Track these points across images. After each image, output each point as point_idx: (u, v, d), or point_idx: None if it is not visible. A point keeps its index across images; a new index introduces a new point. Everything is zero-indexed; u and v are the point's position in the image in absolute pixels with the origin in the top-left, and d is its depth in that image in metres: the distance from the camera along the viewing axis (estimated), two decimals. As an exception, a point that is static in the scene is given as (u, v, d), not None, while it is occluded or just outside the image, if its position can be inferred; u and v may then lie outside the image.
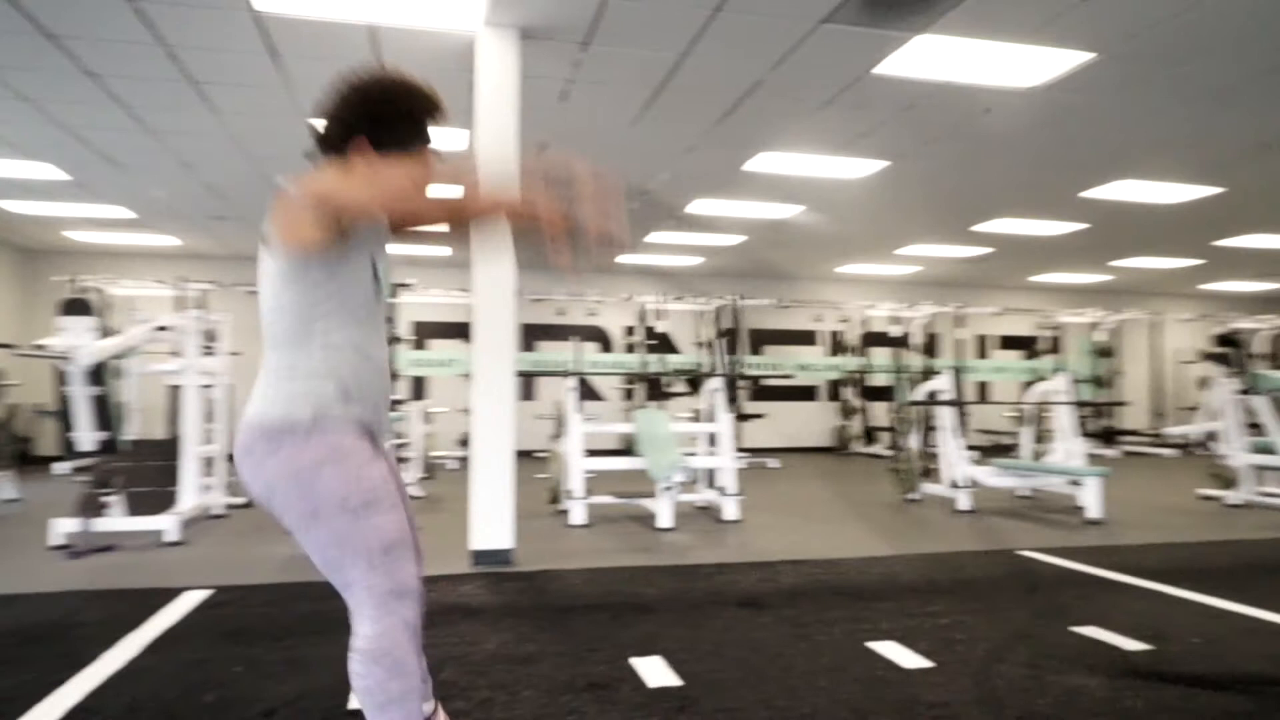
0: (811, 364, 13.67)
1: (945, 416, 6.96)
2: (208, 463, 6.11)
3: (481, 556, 4.45)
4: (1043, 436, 8.42)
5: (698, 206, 8.71)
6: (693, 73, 5.13)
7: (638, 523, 5.94)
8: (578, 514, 5.85)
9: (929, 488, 7.07)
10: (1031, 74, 5.14)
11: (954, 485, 6.72)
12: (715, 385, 6.52)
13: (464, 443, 10.97)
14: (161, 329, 5.71)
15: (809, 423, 13.49)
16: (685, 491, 6.25)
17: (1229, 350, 7.51)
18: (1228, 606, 3.66)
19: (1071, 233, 9.81)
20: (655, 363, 11.97)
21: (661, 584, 4.04)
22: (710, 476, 6.65)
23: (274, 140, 6.45)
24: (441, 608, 3.54)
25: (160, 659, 2.89)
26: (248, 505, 6.40)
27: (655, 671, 2.75)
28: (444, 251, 11.24)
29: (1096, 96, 5.50)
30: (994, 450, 10.13)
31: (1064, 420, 7.20)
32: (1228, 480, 7.11)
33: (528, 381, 12.95)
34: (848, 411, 13.21)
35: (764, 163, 7.06)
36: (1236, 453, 7.13)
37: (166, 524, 5.11)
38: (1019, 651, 2.99)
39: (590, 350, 12.98)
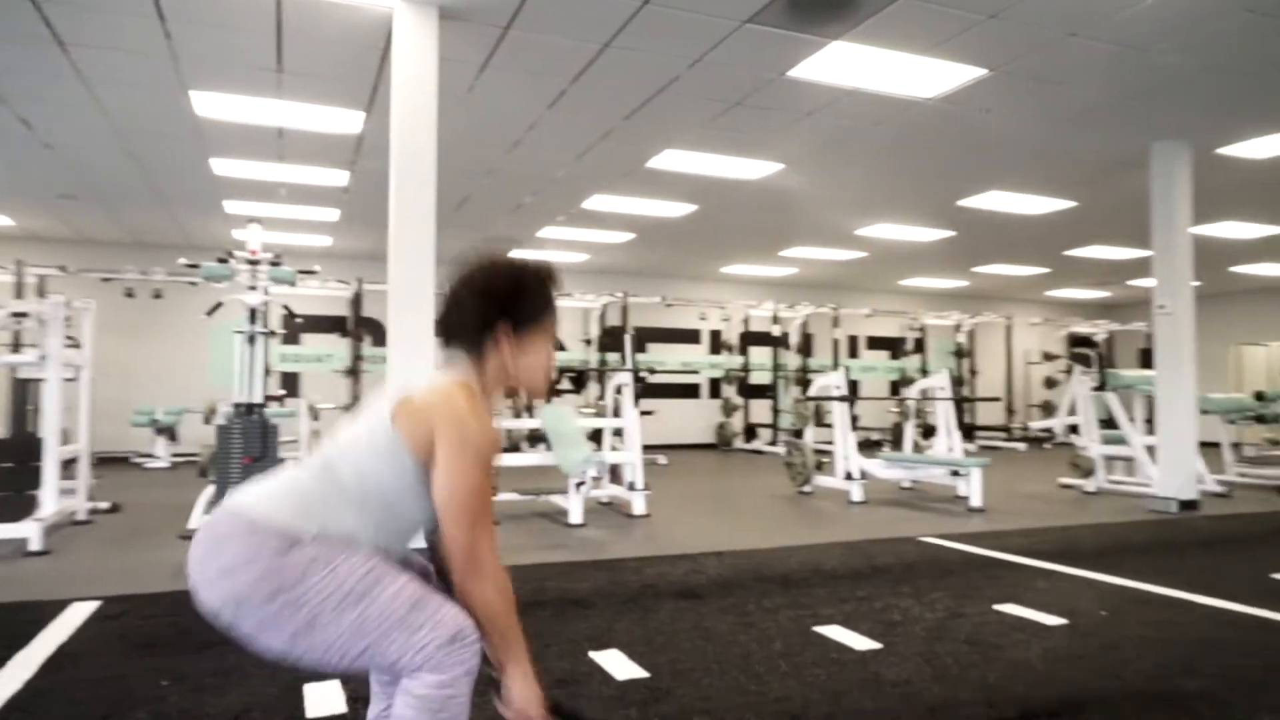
0: (694, 362, 13.91)
1: (838, 412, 7.23)
2: (68, 464, 5.55)
3: (398, 557, 4.25)
4: (906, 431, 8.91)
5: (595, 202, 8.67)
6: (612, 65, 5.10)
7: (545, 519, 5.86)
8: (485, 512, 5.70)
9: (821, 480, 7.33)
10: (930, 85, 5.42)
11: (847, 477, 6.99)
12: (622, 381, 6.51)
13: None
14: (18, 315, 5.15)
15: (691, 420, 13.71)
16: (595, 487, 6.20)
17: (1086, 351, 8.18)
18: (1115, 581, 3.98)
19: (941, 239, 10.42)
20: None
21: (592, 579, 3.99)
22: (614, 472, 6.64)
23: (150, 115, 5.94)
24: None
25: (65, 678, 2.60)
26: (114, 510, 5.86)
27: (618, 664, 2.70)
28: (323, 241, 10.71)
29: (979, 111, 5.85)
30: (866, 445, 10.63)
31: (944, 416, 7.63)
32: (1085, 469, 7.74)
33: (408, 379, 12.56)
34: (729, 409, 13.51)
35: (668, 160, 7.11)
36: (1092, 444, 7.77)
37: (29, 531, 4.60)
38: (956, 630, 3.13)
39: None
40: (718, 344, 14.02)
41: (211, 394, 9.45)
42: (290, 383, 11.40)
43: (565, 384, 12.16)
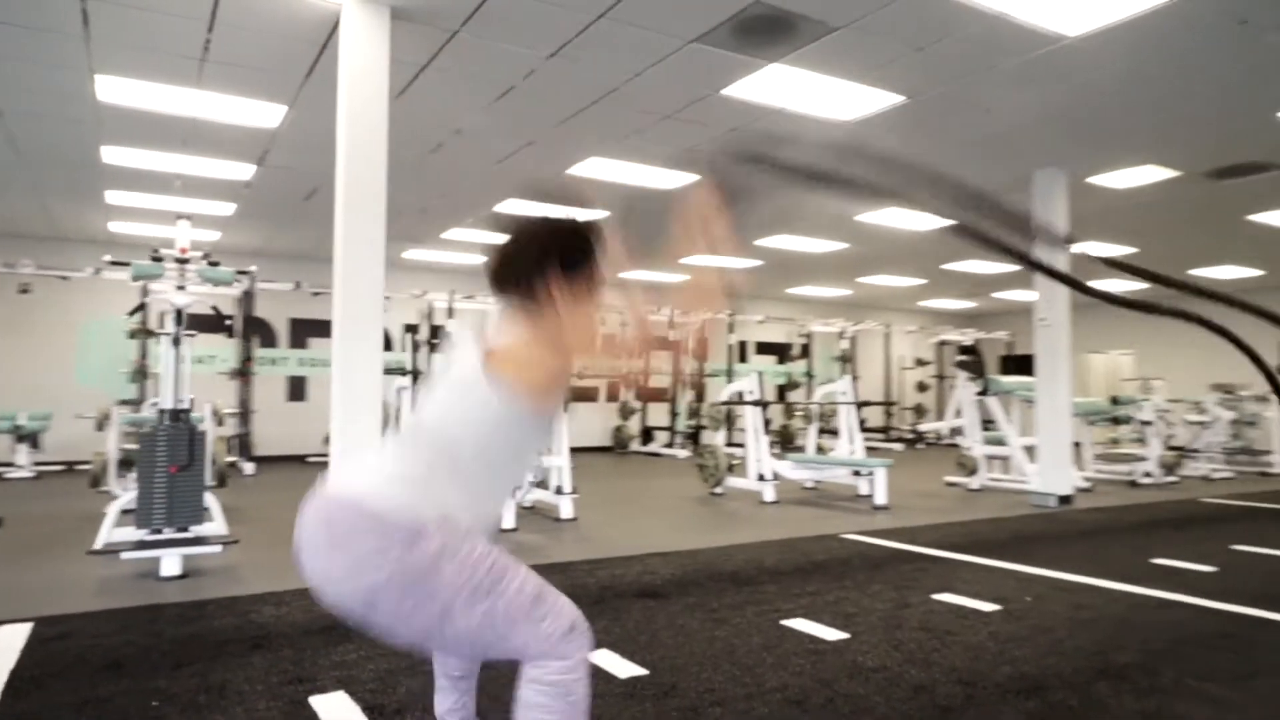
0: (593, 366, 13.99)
1: (751, 416, 7.52)
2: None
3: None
4: (794, 435, 9.35)
5: (510, 206, 8.65)
6: (554, 73, 5.16)
7: (474, 525, 5.83)
8: (415, 518, 5.63)
9: (732, 482, 7.59)
10: (851, 109, 5.76)
11: (760, 478, 7.28)
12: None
13: (245, 447, 10.01)
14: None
15: (588, 423, 13.81)
16: (529, 491, 6.20)
17: (971, 358, 8.82)
18: (1026, 570, 4.38)
19: (832, 251, 10.97)
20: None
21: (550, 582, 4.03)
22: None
23: (43, 97, 5.53)
24: (334, 621, 3.29)
25: (36, 704, 2.45)
26: None
27: (614, 663, 2.79)
28: (210, 236, 10.17)
29: (896, 134, 6.26)
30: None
31: (846, 419, 8.06)
32: (970, 468, 8.35)
33: (298, 382, 12.09)
34: (626, 412, 13.69)
35: (591, 168, 7.21)
36: (976, 445, 8.40)
37: (-81, 549, 4.22)
38: (908, 619, 3.39)
39: (368, 349, 12.37)
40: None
41: (85, 397, 8.81)
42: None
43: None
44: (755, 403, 7.54)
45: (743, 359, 15.31)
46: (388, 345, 12.40)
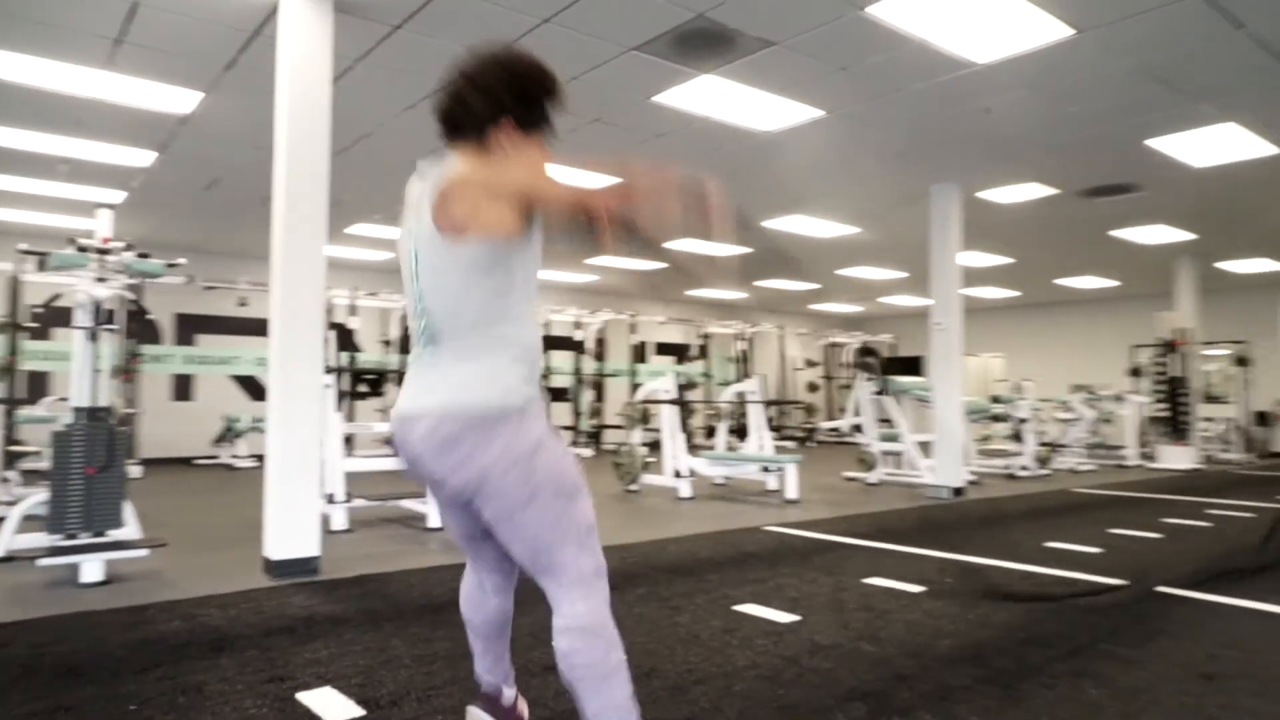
0: (492, 365, 13.91)
1: (668, 415, 7.72)
2: None
3: (282, 567, 4.08)
4: (692, 433, 9.64)
5: (421, 202, 8.54)
6: (491, 74, 5.18)
7: (398, 525, 5.78)
8: (339, 519, 5.53)
9: (647, 479, 7.77)
10: (772, 120, 6.03)
11: (676, 475, 7.49)
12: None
13: (129, 449, 9.45)
14: None
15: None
16: None
17: (869, 360, 9.32)
18: (938, 554, 4.74)
19: (738, 256, 11.33)
20: (341, 360, 11.34)
21: (497, 577, 4.08)
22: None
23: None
24: (293, 620, 3.26)
25: (2, 714, 2.35)
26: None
27: (588, 650, 2.89)
28: (87, 223, 9.55)
29: (811, 146, 6.59)
30: (657, 445, 11.29)
31: (756, 417, 8.37)
32: (869, 464, 8.83)
33: (184, 380, 11.51)
34: (528, 412, 13.65)
35: (511, 167, 7.22)
36: (874, 442, 8.89)
37: None
38: (847, 601, 3.64)
39: (260, 346, 11.92)
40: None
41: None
42: (39, 383, 10.02)
43: (363, 387, 11.72)
44: (672, 402, 7.74)
45: (642, 359, 15.56)
46: (283, 343, 12.02)
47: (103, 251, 4.17)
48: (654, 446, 8.18)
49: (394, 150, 6.77)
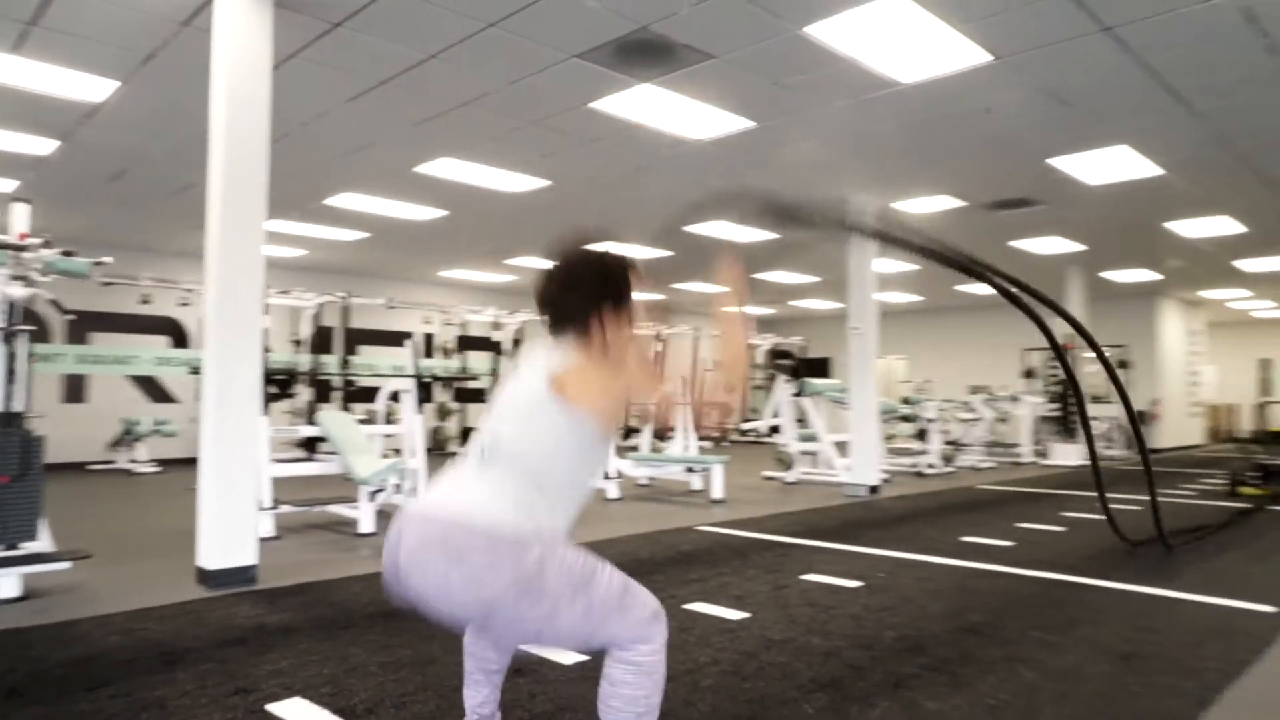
0: (405, 365, 13.66)
1: (595, 415, 7.78)
2: None
3: (218, 577, 3.96)
4: (645, 432, 9.77)
5: (342, 200, 8.36)
6: (430, 74, 5.15)
7: (326, 531, 5.66)
8: (266, 525, 5.37)
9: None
10: (705, 129, 6.18)
11: (605, 477, 7.56)
12: (402, 386, 6.45)
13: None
14: None
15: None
16: (397, 494, 6.06)
17: (788, 362, 9.61)
18: (868, 550, 4.97)
19: (658, 258, 11.49)
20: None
21: (443, 582, 4.07)
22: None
23: None
24: (242, 631, 3.19)
25: (-57, 736, 2.23)
26: None
27: (553, 651, 2.94)
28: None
29: (740, 155, 6.77)
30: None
31: (681, 419, 8.52)
32: (787, 463, 9.11)
33: (76, 381, 10.88)
34: (444, 413, 13.50)
35: (439, 167, 7.16)
36: (792, 442, 9.17)
37: None
38: (790, 597, 3.79)
39: (161, 346, 11.39)
40: (430, 347, 13.94)
41: None
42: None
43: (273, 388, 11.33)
44: (599, 403, 7.80)
45: (559, 360, 15.55)
46: (184, 342, 11.51)
47: (18, 248, 3.96)
48: None
49: (318, 147, 6.61)
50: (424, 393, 6.67)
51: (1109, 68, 5.00)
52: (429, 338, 13.89)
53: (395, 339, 13.48)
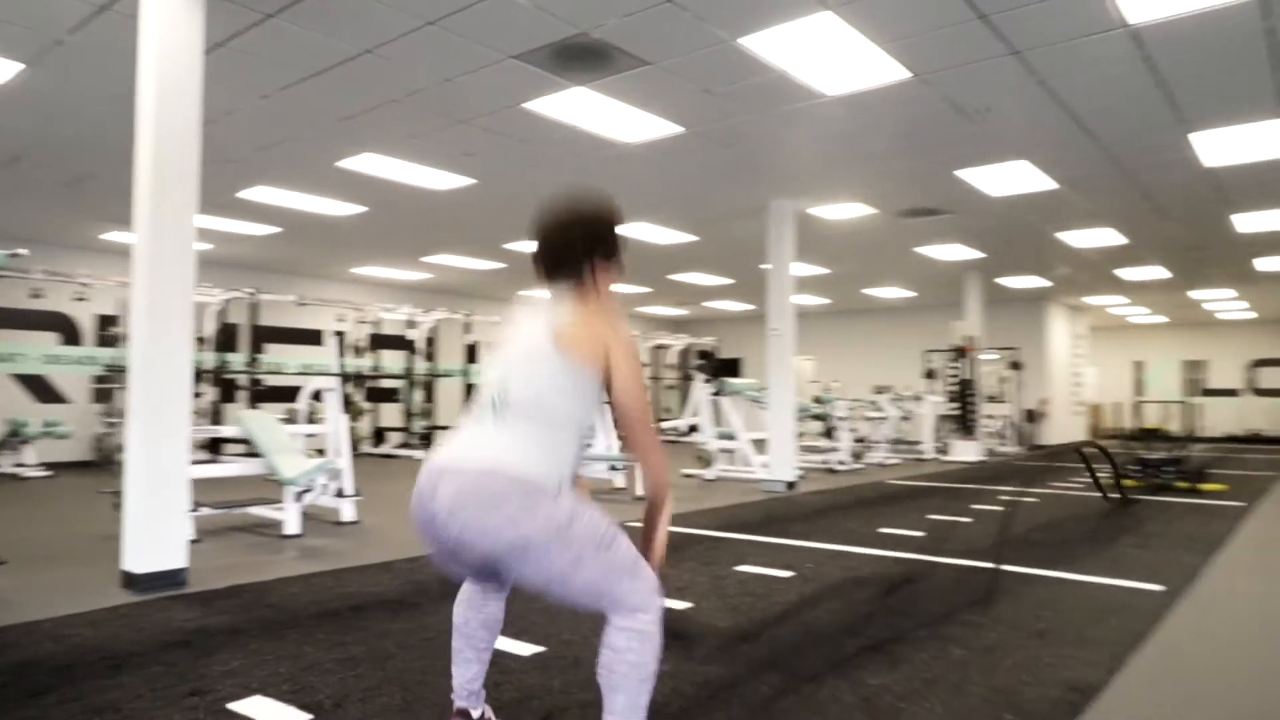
0: (317, 364, 13.32)
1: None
2: None
3: (147, 580, 3.83)
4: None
5: (256, 193, 8.12)
6: (363, 69, 5.09)
7: (248, 533, 5.51)
8: (187, 528, 5.20)
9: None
10: (635, 133, 6.29)
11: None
12: (327, 385, 6.33)
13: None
14: None
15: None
16: (323, 495, 5.92)
17: (707, 362, 9.83)
18: (792, 542, 5.18)
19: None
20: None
21: (381, 582, 4.06)
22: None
23: None
24: (183, 634, 3.12)
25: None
26: None
27: (508, 644, 3.00)
28: None
29: (667, 158, 6.91)
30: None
31: (603, 417, 8.61)
32: (706, 461, 9.32)
33: (-45, 379, 10.18)
34: (355, 413, 13.20)
35: (363, 162, 7.05)
36: (711, 440, 9.39)
37: None
38: (729, 586, 3.94)
39: (51, 343, 10.76)
40: (342, 346, 13.59)
41: None
42: None
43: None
44: (525, 402, 7.82)
45: (473, 359, 15.42)
46: (75, 338, 10.91)
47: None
48: None
49: (232, 139, 6.42)
50: (367, 393, 6.55)
51: (1016, 89, 5.35)
52: (340, 335, 13.55)
53: (306, 337, 13.18)
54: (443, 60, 4.97)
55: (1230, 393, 18.90)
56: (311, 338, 13.27)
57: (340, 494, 6.00)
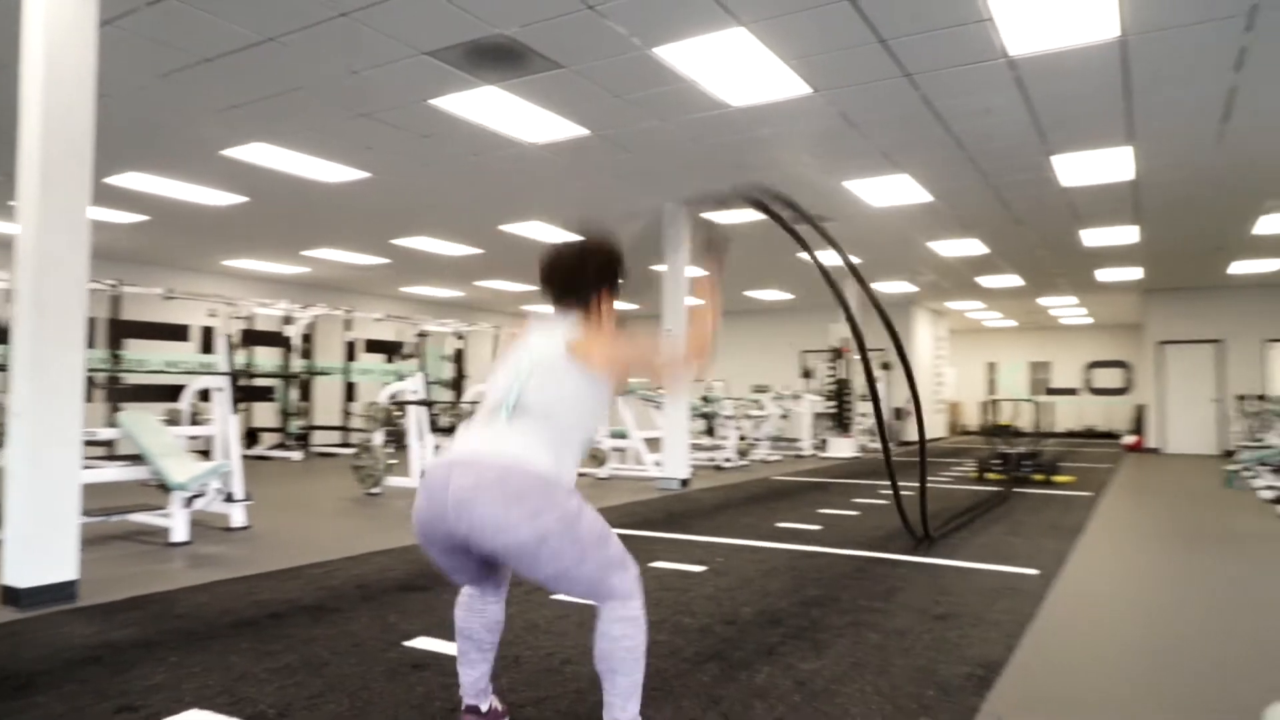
0: (182, 361, 12.57)
1: (415, 416, 7.66)
2: None
3: (33, 595, 3.56)
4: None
5: (125, 179, 7.62)
6: (263, 56, 4.89)
7: (129, 542, 5.20)
8: (60, 538, 4.85)
9: (390, 481, 7.64)
10: (540, 133, 6.31)
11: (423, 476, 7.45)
12: (215, 384, 6.03)
13: None
14: None
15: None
16: (216, 500, 5.62)
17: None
18: (697, 538, 5.35)
19: (462, 255, 11.42)
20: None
21: (294, 588, 3.93)
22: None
23: None
24: (91, 650, 2.94)
25: None
26: None
27: (447, 647, 2.99)
28: None
29: (569, 159, 6.96)
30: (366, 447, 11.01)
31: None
32: (599, 459, 9.41)
33: None
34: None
35: (252, 151, 6.75)
36: (604, 439, 9.49)
37: None
38: (646, 583, 4.02)
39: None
40: (210, 342, 12.89)
41: None
42: None
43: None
44: (420, 402, 7.69)
45: (352, 357, 14.93)
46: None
47: None
48: (365, 448, 7.90)
49: (108, 121, 6.00)
50: (238, 392, 6.25)
51: (905, 108, 5.72)
52: (208, 331, 12.84)
53: (172, 333, 12.39)
54: (352, 52, 4.85)
55: (1070, 391, 20.64)
56: (178, 333, 12.50)
57: (230, 498, 5.73)
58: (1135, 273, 12.66)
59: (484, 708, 2.23)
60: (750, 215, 8.80)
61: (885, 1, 4.22)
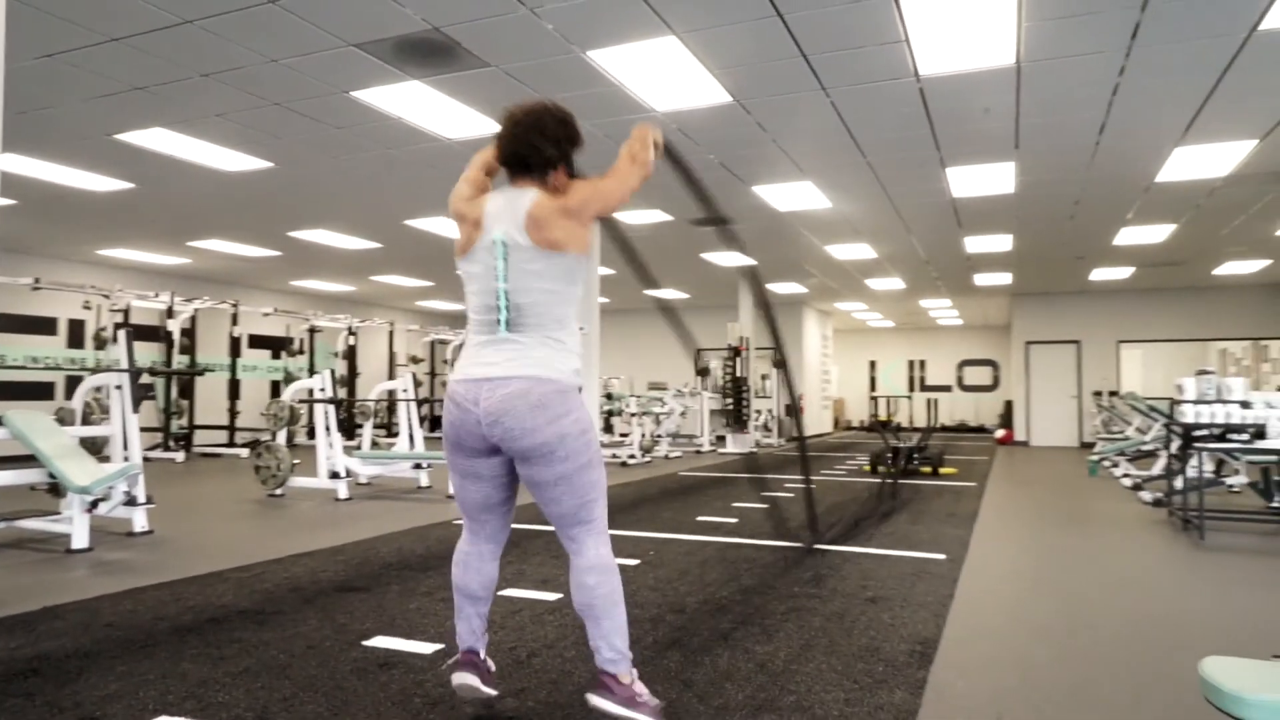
0: (48, 357, 11.73)
1: (322, 414, 7.45)
2: None
3: (-65, 609, 3.34)
4: (366, 430, 9.50)
5: (4, 161, 7.06)
6: (176, 39, 4.68)
7: (25, 549, 4.87)
8: (-55, 548, 4.51)
9: (296, 481, 7.40)
10: (460, 130, 6.27)
11: (333, 476, 7.28)
12: (116, 381, 5.69)
13: None
14: None
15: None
16: (123, 504, 5.30)
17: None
18: (624, 533, 5.46)
19: (365, 249, 11.13)
20: None
21: (224, 593, 3.80)
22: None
23: None
24: (26, 663, 2.79)
25: None
26: None
27: (405, 645, 2.99)
28: None
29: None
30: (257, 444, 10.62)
31: (407, 415, 8.43)
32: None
33: None
34: (91, 410, 11.76)
35: (147, 136, 6.41)
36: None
37: None
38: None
39: None
40: (81, 337, 12.08)
41: None
42: None
43: None
44: (328, 400, 7.48)
45: (238, 353, 14.26)
46: None
47: None
48: (253, 446, 7.63)
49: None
50: (141, 390, 5.91)
51: (818, 120, 6.00)
52: (77, 324, 12.01)
53: (41, 326, 11.52)
54: (275, 40, 4.70)
55: (945, 388, 21.92)
56: (46, 326, 11.66)
57: (132, 502, 5.44)
58: (1006, 278, 13.61)
59: (481, 652, 2.34)
60: (658, 217, 9.01)
61: (813, 20, 4.45)
